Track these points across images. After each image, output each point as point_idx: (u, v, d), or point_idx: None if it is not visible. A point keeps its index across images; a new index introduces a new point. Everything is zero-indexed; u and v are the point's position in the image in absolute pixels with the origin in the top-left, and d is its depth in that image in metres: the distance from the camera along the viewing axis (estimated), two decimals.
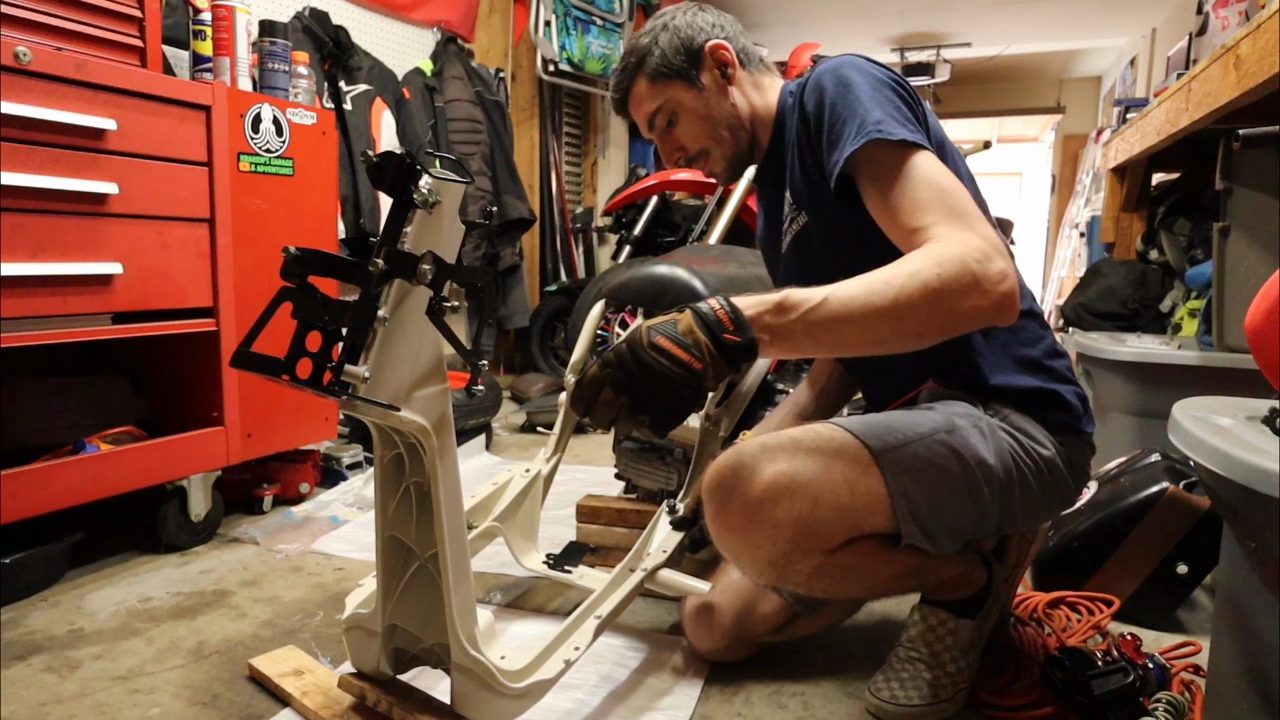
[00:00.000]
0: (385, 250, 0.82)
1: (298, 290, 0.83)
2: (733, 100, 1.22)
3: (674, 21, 1.22)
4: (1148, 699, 1.14)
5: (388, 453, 1.00)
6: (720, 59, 1.21)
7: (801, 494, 0.95)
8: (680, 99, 1.21)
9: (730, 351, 0.85)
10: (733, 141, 1.24)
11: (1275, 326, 0.84)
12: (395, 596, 1.05)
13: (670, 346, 0.83)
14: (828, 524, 0.97)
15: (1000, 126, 9.39)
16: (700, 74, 1.21)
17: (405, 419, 0.87)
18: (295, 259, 0.82)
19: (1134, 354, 1.97)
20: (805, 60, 3.08)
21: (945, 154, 1.08)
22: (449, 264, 0.86)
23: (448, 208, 0.87)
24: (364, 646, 1.09)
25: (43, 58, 1.40)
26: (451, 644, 0.98)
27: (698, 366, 0.84)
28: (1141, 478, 1.51)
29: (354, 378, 0.81)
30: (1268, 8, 1.50)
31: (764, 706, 1.18)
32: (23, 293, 1.40)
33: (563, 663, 1.06)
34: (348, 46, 2.78)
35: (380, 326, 0.83)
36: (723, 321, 0.85)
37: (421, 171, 0.83)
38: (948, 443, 1.02)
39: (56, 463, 1.49)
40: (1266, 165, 1.77)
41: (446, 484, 0.94)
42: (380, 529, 1.03)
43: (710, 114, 1.22)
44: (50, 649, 1.33)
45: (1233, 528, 0.88)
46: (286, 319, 0.83)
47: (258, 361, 0.82)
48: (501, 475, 1.49)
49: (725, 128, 1.22)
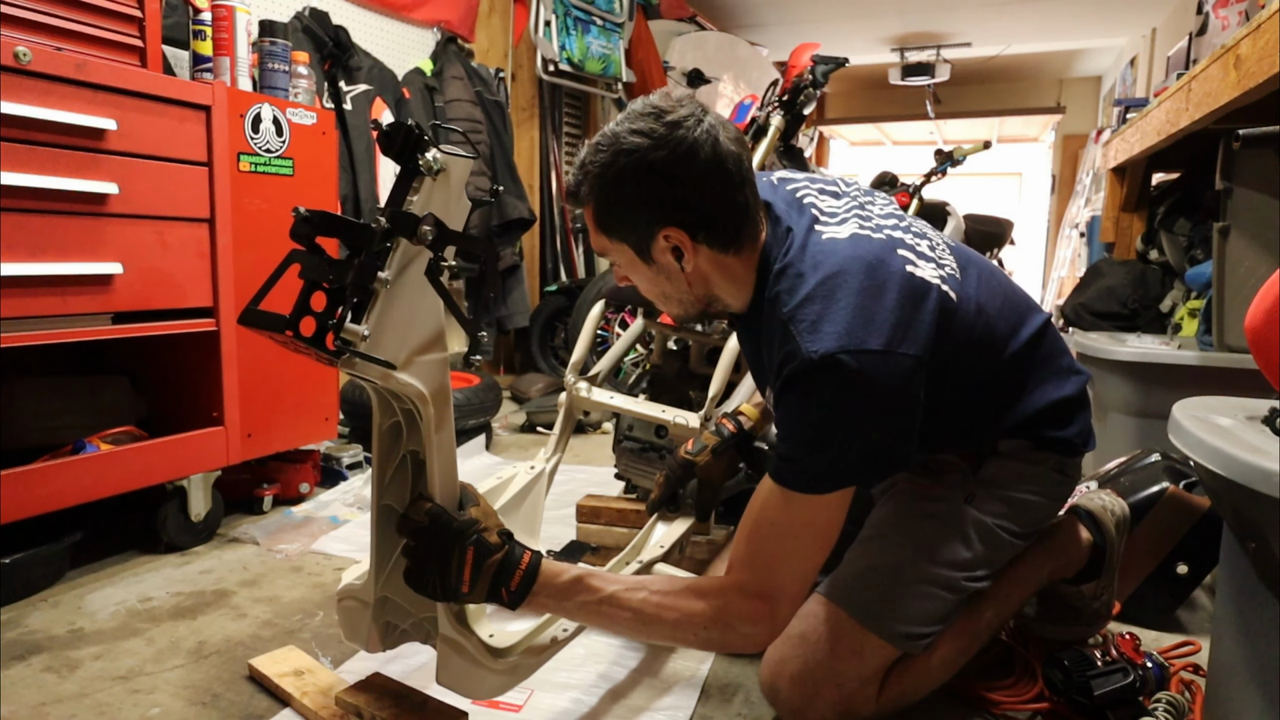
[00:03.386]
0: (389, 210, 0.85)
1: (306, 251, 0.86)
2: (687, 282, 1.06)
3: (639, 170, 0.97)
4: (1148, 699, 1.14)
5: (386, 420, 1.02)
6: (675, 244, 1.02)
7: (825, 681, 1.07)
8: (627, 259, 1.06)
9: (493, 598, 0.99)
10: (682, 308, 1.12)
11: (1275, 326, 0.84)
12: (388, 567, 1.06)
13: (466, 564, 0.96)
14: (854, 684, 1.07)
15: (1000, 126, 9.38)
16: (651, 249, 1.03)
17: (403, 381, 0.90)
18: (304, 219, 0.84)
19: (1134, 354, 1.97)
20: (805, 60, 3.07)
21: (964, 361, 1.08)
22: (450, 229, 0.88)
23: (455, 180, 0.90)
24: (355, 619, 1.10)
25: (43, 58, 1.40)
26: (439, 616, 0.99)
27: (464, 590, 0.97)
28: (1141, 478, 1.51)
29: (354, 335, 0.83)
30: (1268, 8, 1.50)
31: (763, 707, 1.18)
32: (23, 293, 1.40)
33: (550, 640, 1.07)
34: (348, 46, 2.78)
35: (382, 288, 0.85)
36: (512, 578, 0.98)
37: (429, 142, 0.86)
38: (929, 575, 1.10)
39: (56, 463, 1.49)
40: (1266, 165, 1.76)
41: (442, 455, 0.96)
42: (376, 497, 1.04)
43: (658, 284, 1.08)
44: (50, 649, 1.32)
45: (1233, 528, 0.88)
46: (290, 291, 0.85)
47: (263, 319, 0.84)
48: (505, 471, 1.49)
49: (675, 299, 1.11)
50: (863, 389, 0.93)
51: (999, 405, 1.14)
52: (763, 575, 0.99)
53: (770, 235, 1.07)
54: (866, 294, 0.97)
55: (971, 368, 1.09)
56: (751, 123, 3.03)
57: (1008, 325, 1.13)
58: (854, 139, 10.58)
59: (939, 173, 3.88)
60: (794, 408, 0.98)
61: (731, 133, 1.01)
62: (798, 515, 0.98)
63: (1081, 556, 1.28)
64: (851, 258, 1.00)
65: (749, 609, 0.99)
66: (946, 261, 1.10)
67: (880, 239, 1.04)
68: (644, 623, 1.00)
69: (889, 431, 0.98)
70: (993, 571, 1.15)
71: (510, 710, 1.16)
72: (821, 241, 1.03)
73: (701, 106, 1.01)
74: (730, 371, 1.61)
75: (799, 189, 1.15)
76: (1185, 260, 2.55)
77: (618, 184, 0.99)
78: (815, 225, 1.06)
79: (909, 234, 1.08)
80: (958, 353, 1.05)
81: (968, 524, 1.12)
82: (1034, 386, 1.15)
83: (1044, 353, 1.16)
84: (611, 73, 4.25)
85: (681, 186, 0.98)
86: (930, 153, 3.98)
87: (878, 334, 0.94)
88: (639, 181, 0.98)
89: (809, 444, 0.96)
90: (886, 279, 0.99)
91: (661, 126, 0.97)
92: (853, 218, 1.08)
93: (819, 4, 5.83)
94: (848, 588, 1.11)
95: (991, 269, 1.19)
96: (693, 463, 1.37)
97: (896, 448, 0.99)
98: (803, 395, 0.96)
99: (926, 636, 1.10)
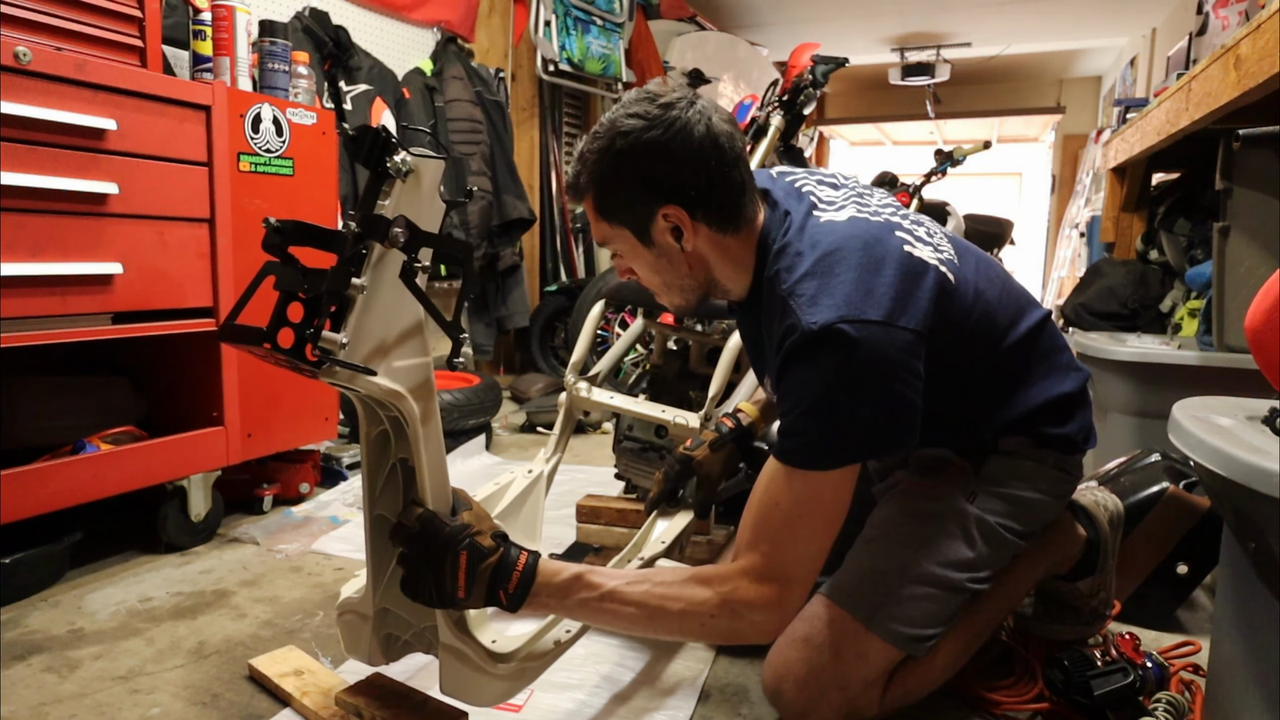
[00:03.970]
0: (360, 214, 0.85)
1: (280, 261, 0.85)
2: (687, 264, 1.09)
3: (636, 149, 1.00)
4: (1148, 699, 1.14)
5: (373, 429, 1.01)
6: (674, 223, 1.04)
7: (830, 685, 1.07)
8: (628, 245, 1.08)
9: (491, 601, 0.97)
10: (683, 295, 1.13)
11: (1275, 326, 0.84)
12: (385, 578, 1.05)
13: (460, 569, 0.94)
14: (858, 687, 1.07)
15: (1000, 126, 9.38)
16: (651, 230, 1.05)
17: (385, 387, 0.89)
18: (275, 229, 0.83)
19: (1134, 354, 1.97)
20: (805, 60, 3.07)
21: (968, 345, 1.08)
22: (424, 231, 0.88)
23: (426, 182, 0.89)
24: (356, 632, 1.10)
25: (43, 58, 1.40)
26: (439, 625, 0.99)
27: (460, 595, 0.95)
28: (1141, 478, 1.51)
29: (332, 344, 0.83)
30: (1268, 8, 1.50)
31: (764, 707, 1.18)
32: (23, 293, 1.40)
33: (553, 643, 1.06)
34: (348, 46, 2.78)
35: (358, 294, 0.85)
36: (509, 580, 0.96)
37: (396, 145, 0.85)
38: (933, 576, 1.10)
39: (56, 463, 1.49)
40: (1266, 165, 1.76)
41: (431, 460, 0.95)
42: (368, 508, 1.03)
43: (659, 270, 1.10)
44: (50, 649, 1.33)
45: (1233, 528, 0.88)
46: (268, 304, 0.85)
47: (241, 333, 0.84)
48: (504, 475, 1.49)
49: (676, 286, 1.12)
50: (863, 359, 0.93)
51: (998, 397, 1.14)
52: (769, 558, 0.98)
53: (769, 218, 1.09)
54: (864, 269, 0.97)
55: (971, 353, 1.09)
56: (751, 123, 3.03)
57: (1007, 315, 1.13)
58: (854, 139, 10.59)
59: (939, 173, 3.88)
60: (795, 381, 0.97)
61: (724, 114, 1.03)
62: (802, 493, 0.97)
63: (1075, 551, 1.29)
64: (849, 235, 1.02)
65: (757, 594, 0.97)
66: (944, 247, 1.10)
67: (878, 221, 1.06)
68: (648, 616, 0.99)
69: (890, 404, 0.97)
70: (995, 571, 1.15)
71: (511, 711, 1.16)
72: (820, 223, 1.05)
73: (694, 92, 1.03)
74: (730, 371, 1.61)
75: (797, 179, 1.17)
76: (1185, 260, 2.55)
77: (616, 166, 1.01)
78: (814, 210, 1.08)
79: (906, 220, 1.10)
80: (956, 336, 1.05)
81: (970, 524, 1.12)
82: (1034, 381, 1.15)
83: (1044, 347, 1.16)
84: (611, 73, 4.25)
85: (678, 163, 1.00)
86: (930, 153, 3.98)
87: (876, 306, 0.95)
88: (636, 161, 1.00)
89: (811, 416, 0.96)
90: (885, 255, 1.00)
91: (656, 108, 1.00)
92: (850, 204, 1.10)
93: (819, 4, 5.83)
94: (851, 589, 1.11)
95: (989, 261, 1.19)
96: (691, 458, 1.37)
97: (898, 422, 0.98)
98: (803, 367, 0.96)
99: (930, 638, 1.10)
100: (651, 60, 4.61)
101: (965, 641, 1.16)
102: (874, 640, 1.07)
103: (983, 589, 1.14)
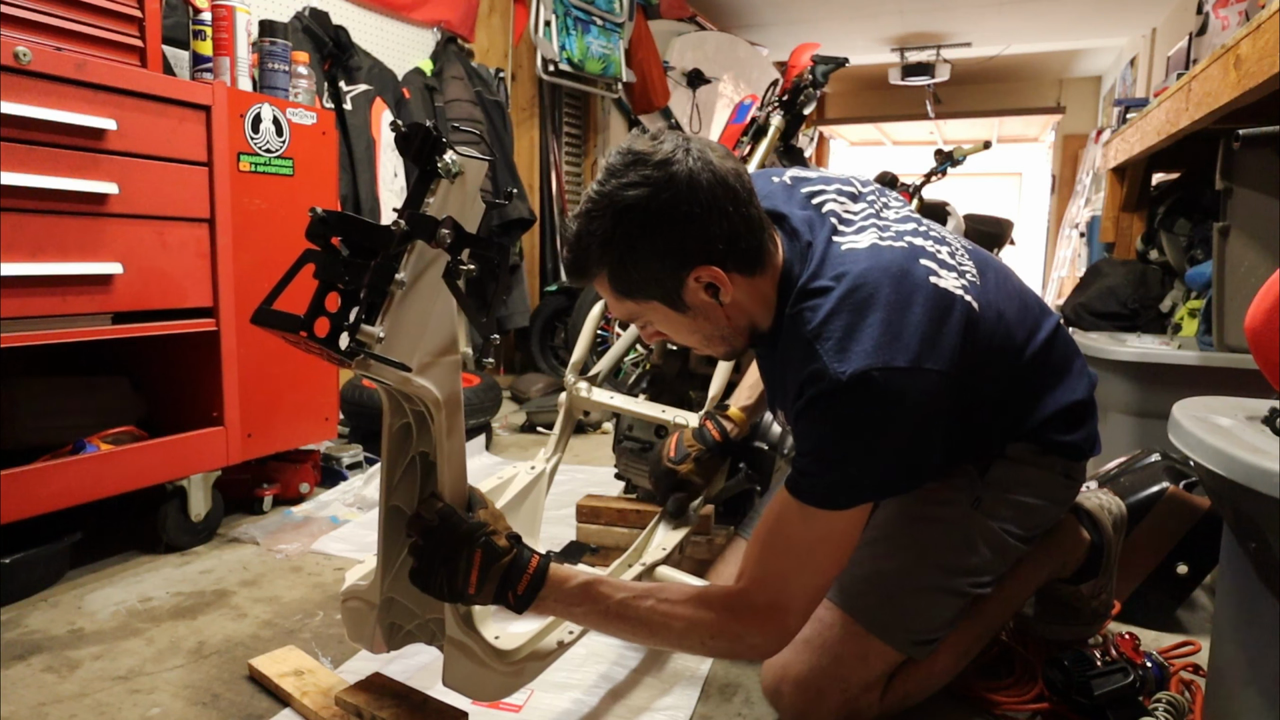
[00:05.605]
0: (408, 213, 0.85)
1: (322, 251, 0.86)
2: (725, 316, 1.03)
3: (650, 223, 0.92)
4: (1148, 699, 1.14)
5: (396, 421, 1.02)
6: (709, 280, 0.97)
7: (829, 686, 1.08)
8: (660, 315, 1.02)
9: (499, 600, 0.99)
10: (726, 344, 1.08)
11: (1275, 326, 0.84)
12: (395, 568, 1.05)
13: (474, 566, 0.96)
14: (858, 689, 1.08)
15: (1000, 126, 9.38)
16: (684, 295, 0.98)
17: (417, 384, 0.90)
18: (321, 220, 0.84)
19: (1134, 354, 1.97)
20: (805, 60, 3.07)
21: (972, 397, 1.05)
22: (467, 232, 0.88)
23: (470, 182, 0.89)
24: (360, 619, 1.10)
25: (43, 58, 1.40)
26: (446, 618, 0.99)
27: (470, 591, 0.97)
28: (1141, 478, 1.51)
29: (369, 337, 0.83)
30: (1268, 8, 1.50)
31: (764, 706, 1.18)
32: (23, 293, 1.40)
33: (556, 644, 1.07)
34: (348, 46, 2.78)
35: (398, 289, 0.85)
36: (519, 582, 0.98)
37: (446, 144, 0.86)
38: (936, 581, 1.10)
39: (56, 463, 1.49)
40: (1266, 165, 1.76)
41: (452, 457, 0.96)
42: (384, 499, 1.04)
43: (697, 329, 1.04)
44: (50, 649, 1.33)
45: (1233, 528, 0.88)
46: (301, 291, 0.85)
47: (277, 318, 0.84)
48: (506, 471, 1.49)
49: (717, 338, 1.07)
50: (889, 407, 0.91)
51: (1010, 410, 1.13)
52: (774, 588, 0.98)
53: (788, 250, 1.04)
54: (892, 308, 0.94)
55: (990, 374, 1.07)
56: (751, 123, 3.04)
57: (1024, 331, 1.11)
58: (854, 139, 10.58)
59: (939, 173, 3.88)
60: (817, 425, 0.95)
61: (720, 150, 0.97)
62: (814, 530, 0.96)
63: (1080, 555, 1.28)
64: (873, 268, 0.97)
65: (758, 621, 0.98)
66: (967, 268, 1.07)
67: (901, 248, 1.01)
68: (651, 631, 1.00)
69: (912, 448, 0.96)
70: (998, 576, 1.15)
71: (510, 710, 1.16)
72: (841, 253, 1.01)
73: (680, 134, 0.97)
74: (730, 371, 1.61)
75: (815, 193, 1.11)
76: (1185, 260, 2.55)
77: (630, 246, 0.94)
78: (834, 236, 1.03)
79: (929, 240, 1.05)
80: (979, 361, 1.03)
81: (974, 529, 1.12)
82: (1046, 391, 1.14)
83: (1057, 357, 1.15)
84: (611, 73, 4.25)
85: (699, 221, 0.93)
86: (930, 153, 3.99)
87: (904, 351, 0.92)
88: (653, 234, 0.93)
89: (831, 461, 0.95)
90: (913, 292, 0.96)
91: (654, 170, 0.92)
92: (870, 226, 1.05)
93: (819, 4, 5.83)
94: (854, 592, 1.10)
95: (1007, 272, 1.17)
96: (675, 471, 1.41)
97: (919, 464, 0.99)
98: (827, 413, 0.93)
99: (931, 642, 1.10)
100: (651, 60, 4.60)
101: (966, 645, 1.16)
102: (874, 643, 1.07)
103: (985, 593, 1.14)
